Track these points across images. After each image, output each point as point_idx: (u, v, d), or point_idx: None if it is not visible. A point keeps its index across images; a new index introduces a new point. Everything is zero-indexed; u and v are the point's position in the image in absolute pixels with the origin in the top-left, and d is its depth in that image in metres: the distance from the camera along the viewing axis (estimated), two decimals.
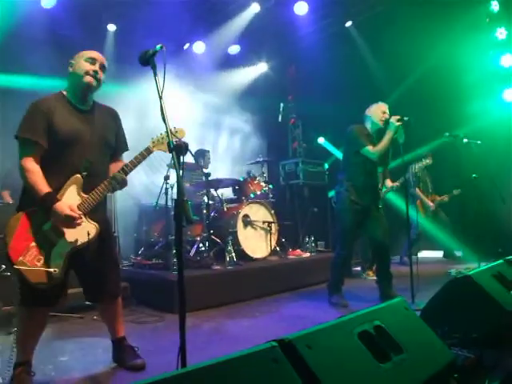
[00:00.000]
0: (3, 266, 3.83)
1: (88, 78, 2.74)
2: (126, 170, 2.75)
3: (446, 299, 2.92)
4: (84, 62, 2.76)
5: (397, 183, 5.17)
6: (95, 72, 2.77)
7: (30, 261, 2.50)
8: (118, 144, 3.00)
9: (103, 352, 3.14)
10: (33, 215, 2.58)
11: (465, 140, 5.57)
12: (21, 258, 2.49)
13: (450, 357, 2.10)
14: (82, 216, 2.63)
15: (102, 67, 2.82)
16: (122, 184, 2.78)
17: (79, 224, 2.60)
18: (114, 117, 3.02)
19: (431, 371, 1.90)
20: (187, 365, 1.94)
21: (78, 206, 2.62)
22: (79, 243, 2.63)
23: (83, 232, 2.64)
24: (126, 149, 3.09)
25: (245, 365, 1.34)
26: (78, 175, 2.69)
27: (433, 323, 2.31)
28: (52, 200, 2.55)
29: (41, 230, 2.58)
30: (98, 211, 2.77)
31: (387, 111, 4.54)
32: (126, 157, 3.05)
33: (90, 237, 2.65)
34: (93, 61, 2.78)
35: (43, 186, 2.55)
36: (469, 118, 6.86)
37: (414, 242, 6.40)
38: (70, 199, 2.63)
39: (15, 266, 2.48)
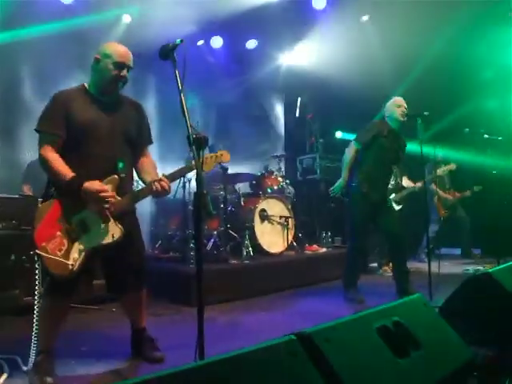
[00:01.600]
0: (23, 258, 3.90)
1: (114, 86, 2.76)
2: (170, 178, 2.74)
3: (465, 297, 2.89)
4: (112, 65, 2.71)
5: (419, 184, 5.14)
6: (123, 78, 2.77)
7: (52, 249, 2.53)
8: (141, 137, 2.98)
9: (122, 344, 3.16)
10: (65, 205, 2.60)
11: (485, 136, 5.49)
12: (44, 244, 2.53)
13: (469, 354, 2.08)
14: (109, 215, 2.62)
15: (130, 69, 2.79)
16: (167, 191, 2.74)
17: (111, 203, 2.59)
18: (137, 109, 3.00)
19: (450, 368, 1.88)
20: (205, 357, 1.96)
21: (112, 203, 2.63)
22: (102, 243, 2.63)
23: (108, 233, 2.64)
24: (151, 142, 3.09)
25: (263, 357, 1.34)
26: (116, 176, 2.69)
27: (451, 321, 2.28)
28: (79, 182, 2.55)
29: (69, 221, 2.60)
30: (127, 212, 2.79)
31: (404, 104, 4.52)
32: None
33: (115, 239, 2.64)
34: (122, 66, 2.73)
35: (67, 171, 2.57)
36: (488, 114, 6.75)
37: (432, 239, 6.35)
38: None
39: (37, 251, 2.51)
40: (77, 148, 2.69)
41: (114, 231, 2.65)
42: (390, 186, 4.68)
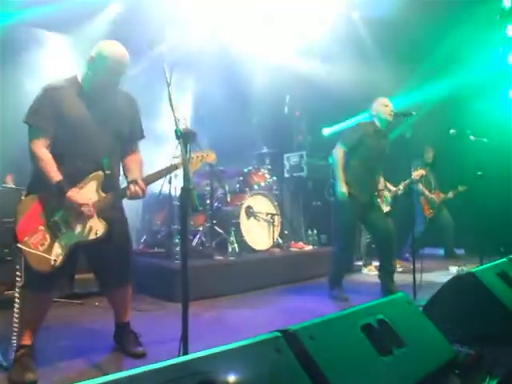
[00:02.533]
0: (5, 251, 3.84)
1: (105, 90, 2.74)
2: (148, 180, 2.78)
3: (449, 296, 2.92)
4: (106, 70, 2.66)
5: (400, 187, 5.20)
6: (116, 85, 2.76)
7: (34, 244, 2.50)
8: (132, 132, 2.95)
9: (104, 338, 3.14)
10: (48, 200, 2.58)
11: (471, 137, 5.54)
12: (26, 239, 2.49)
13: (452, 353, 2.11)
14: (94, 213, 2.62)
15: (123, 74, 2.76)
16: (140, 195, 2.77)
17: (89, 217, 2.61)
18: (129, 103, 2.96)
19: (432, 366, 1.90)
20: (189, 353, 1.95)
21: (93, 203, 2.62)
22: (85, 239, 2.64)
23: (92, 230, 2.65)
24: (142, 136, 3.06)
25: (248, 353, 1.34)
26: (101, 172, 2.70)
27: (434, 320, 2.31)
28: (64, 189, 2.55)
29: (52, 216, 2.58)
30: (113, 208, 2.79)
31: (389, 103, 4.56)
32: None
33: (98, 235, 2.66)
34: (116, 73, 2.70)
35: (55, 174, 2.55)
36: (475, 115, 6.81)
37: (417, 239, 6.40)
38: (87, 195, 2.64)
39: (19, 245, 2.48)
40: (65, 145, 2.66)
41: (98, 227, 2.66)
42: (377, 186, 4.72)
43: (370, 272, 6.20)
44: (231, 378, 1.26)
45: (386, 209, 5.32)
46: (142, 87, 5.06)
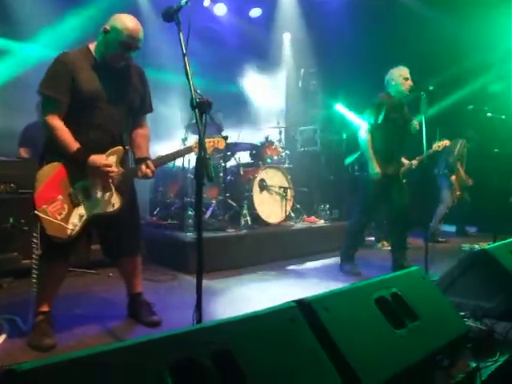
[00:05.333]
0: (22, 221, 3.90)
1: (116, 63, 2.71)
2: (161, 161, 2.83)
3: (462, 272, 2.92)
4: (118, 44, 2.61)
5: (415, 161, 5.12)
6: (128, 59, 2.73)
7: (52, 212, 2.53)
8: (142, 105, 2.95)
9: (119, 307, 3.20)
10: (69, 170, 2.59)
11: (489, 114, 5.44)
12: (44, 206, 2.52)
13: (464, 328, 2.11)
14: (112, 186, 2.67)
15: (137, 49, 2.70)
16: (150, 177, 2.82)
17: (113, 174, 2.65)
18: (140, 76, 2.94)
19: (445, 340, 1.90)
20: (203, 322, 1.97)
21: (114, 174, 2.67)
22: (102, 211, 2.68)
23: (109, 202, 2.70)
24: (151, 110, 3.05)
25: (263, 323, 1.35)
26: (121, 147, 2.74)
27: (447, 295, 2.31)
28: (85, 155, 2.57)
29: (72, 186, 2.60)
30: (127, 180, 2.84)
31: (409, 76, 4.44)
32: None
33: (115, 208, 2.72)
34: (128, 47, 2.64)
35: (73, 143, 2.56)
36: (492, 93, 6.69)
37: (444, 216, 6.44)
38: None
39: (36, 212, 2.50)
40: (80, 116, 2.66)
41: (115, 201, 2.72)
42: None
43: (383, 247, 6.21)
44: (246, 346, 1.28)
45: None
46: None
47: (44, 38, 5.76)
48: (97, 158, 2.60)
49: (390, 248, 4.81)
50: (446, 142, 5.01)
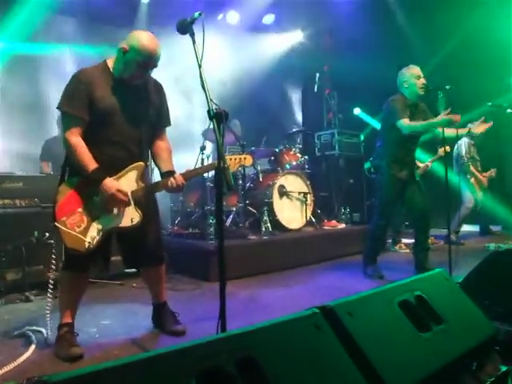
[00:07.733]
0: (46, 234, 3.98)
1: (133, 81, 2.75)
2: (186, 176, 2.78)
3: (487, 272, 2.86)
4: (136, 64, 2.65)
5: (428, 163, 5.07)
6: (144, 78, 2.77)
7: (71, 224, 2.57)
8: (160, 119, 2.96)
9: (144, 317, 3.23)
10: (89, 184, 2.62)
11: (508, 110, 5.37)
12: (64, 219, 2.56)
13: (492, 330, 2.07)
14: (131, 201, 2.67)
15: (154, 67, 2.74)
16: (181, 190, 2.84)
17: (124, 203, 2.65)
18: (158, 91, 2.95)
19: (472, 343, 1.87)
20: (227, 330, 1.98)
21: (131, 192, 2.67)
22: (121, 226, 2.69)
23: (127, 217, 2.70)
24: (169, 124, 3.06)
25: (287, 330, 1.35)
26: (142, 163, 2.77)
27: (472, 296, 2.27)
28: (100, 176, 2.59)
29: (91, 199, 2.64)
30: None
31: (421, 74, 4.38)
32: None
33: (133, 223, 2.70)
34: (146, 67, 2.69)
35: (91, 162, 2.58)
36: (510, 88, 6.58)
37: (466, 217, 6.37)
38: (126, 185, 2.68)
39: (56, 224, 2.55)
40: (98, 133, 2.68)
41: (134, 216, 2.71)
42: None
43: (400, 249, 6.15)
44: (271, 354, 1.28)
45: None
46: None
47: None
48: (110, 184, 2.60)
49: (408, 250, 4.76)
50: (447, 148, 4.94)
